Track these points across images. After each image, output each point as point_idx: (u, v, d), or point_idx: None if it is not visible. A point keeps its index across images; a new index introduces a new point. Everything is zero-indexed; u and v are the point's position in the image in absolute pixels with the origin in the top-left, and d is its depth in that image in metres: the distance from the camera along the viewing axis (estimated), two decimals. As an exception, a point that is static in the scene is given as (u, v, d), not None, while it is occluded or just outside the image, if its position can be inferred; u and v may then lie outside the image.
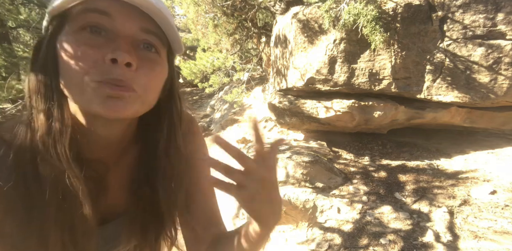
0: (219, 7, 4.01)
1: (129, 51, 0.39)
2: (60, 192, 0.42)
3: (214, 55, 4.81)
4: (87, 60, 0.38)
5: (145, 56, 0.42)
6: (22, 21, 5.23)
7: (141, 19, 0.41)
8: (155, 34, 0.43)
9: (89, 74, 0.38)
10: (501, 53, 2.22)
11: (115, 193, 0.52)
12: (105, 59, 0.38)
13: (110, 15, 0.39)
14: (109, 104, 0.39)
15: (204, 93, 7.74)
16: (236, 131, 4.58)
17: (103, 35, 0.40)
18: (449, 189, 2.30)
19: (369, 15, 2.22)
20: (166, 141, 0.51)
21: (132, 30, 0.41)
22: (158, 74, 0.45)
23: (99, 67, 0.38)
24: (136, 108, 0.42)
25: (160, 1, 0.43)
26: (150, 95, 0.44)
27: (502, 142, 2.88)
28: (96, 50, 0.39)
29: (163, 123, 0.51)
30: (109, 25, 0.40)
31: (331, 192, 2.39)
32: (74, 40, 0.39)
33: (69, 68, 0.39)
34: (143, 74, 0.42)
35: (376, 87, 2.63)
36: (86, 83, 0.38)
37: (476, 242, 1.76)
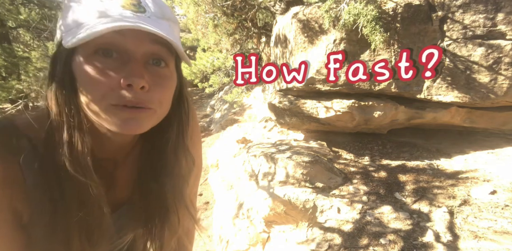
0: (219, 7, 4.01)
1: (142, 75, 0.42)
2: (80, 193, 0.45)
3: (214, 55, 4.81)
4: (103, 85, 0.41)
5: (156, 72, 0.45)
6: (22, 21, 5.23)
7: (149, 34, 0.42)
8: (163, 45, 0.44)
9: (106, 99, 0.41)
10: (501, 53, 2.22)
11: (121, 186, 0.56)
12: (121, 84, 0.41)
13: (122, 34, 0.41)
14: (127, 125, 0.43)
15: (204, 93, 7.74)
16: (236, 131, 4.58)
17: (115, 58, 0.42)
18: (449, 189, 2.30)
19: (369, 15, 2.22)
20: (176, 141, 0.55)
21: (143, 47, 0.43)
22: (169, 88, 0.48)
23: (115, 92, 0.41)
24: (152, 123, 0.47)
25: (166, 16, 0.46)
26: (164, 108, 0.48)
27: (502, 142, 2.88)
28: (111, 76, 0.41)
29: (173, 124, 0.54)
30: (121, 44, 0.41)
31: (331, 192, 2.39)
32: (89, 65, 0.41)
33: (88, 91, 0.42)
34: (157, 92, 0.44)
35: (376, 87, 2.63)
36: (104, 106, 0.41)
37: (476, 242, 1.76)
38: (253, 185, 2.65)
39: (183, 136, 0.55)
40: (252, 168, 2.79)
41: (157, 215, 0.57)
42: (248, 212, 2.56)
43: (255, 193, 2.56)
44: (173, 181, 0.56)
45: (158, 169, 0.55)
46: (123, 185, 0.57)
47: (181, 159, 0.56)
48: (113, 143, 0.52)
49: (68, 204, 0.44)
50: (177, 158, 0.55)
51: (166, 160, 0.55)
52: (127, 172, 0.57)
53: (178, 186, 0.57)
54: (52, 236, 0.45)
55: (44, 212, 0.45)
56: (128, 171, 0.57)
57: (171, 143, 0.54)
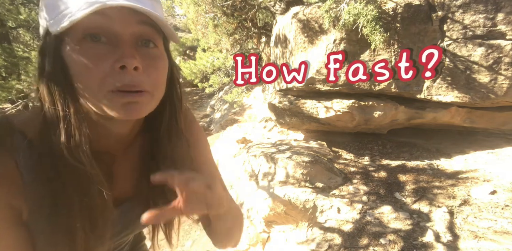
0: (219, 7, 4.01)
1: (133, 55, 0.41)
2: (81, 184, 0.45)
3: (214, 55, 4.81)
4: (97, 71, 0.40)
5: (147, 54, 0.44)
6: (22, 21, 5.23)
7: (135, 14, 0.42)
8: (149, 25, 0.44)
9: (103, 85, 0.41)
10: (501, 53, 2.22)
11: (123, 180, 0.56)
12: (114, 67, 0.40)
13: (105, 15, 0.40)
14: (127, 109, 0.42)
15: (204, 93, 7.74)
16: (236, 131, 4.58)
17: (104, 41, 0.41)
18: (449, 189, 2.30)
19: (369, 15, 2.22)
20: (168, 124, 0.54)
21: (129, 28, 0.42)
22: (162, 69, 0.47)
23: (110, 76, 0.40)
24: (152, 106, 0.46)
25: None
26: (160, 90, 0.48)
27: (502, 142, 2.88)
28: (103, 60, 0.40)
29: (165, 107, 0.54)
30: (107, 26, 0.41)
31: (331, 192, 2.39)
32: (79, 53, 0.40)
33: (82, 80, 0.41)
34: (150, 73, 0.44)
35: (376, 87, 2.63)
36: (101, 93, 0.41)
37: (476, 242, 1.76)
38: (253, 185, 2.65)
39: (176, 118, 0.55)
40: (252, 168, 2.79)
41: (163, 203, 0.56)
42: (248, 212, 2.56)
43: (255, 193, 2.56)
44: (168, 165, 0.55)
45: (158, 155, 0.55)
46: (124, 181, 0.56)
47: (175, 142, 0.55)
48: (110, 134, 0.51)
49: (69, 196, 0.44)
50: (170, 141, 0.55)
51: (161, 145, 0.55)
52: (128, 166, 0.56)
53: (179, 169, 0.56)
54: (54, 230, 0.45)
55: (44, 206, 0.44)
56: (128, 165, 0.56)
57: (164, 126, 0.54)
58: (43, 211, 0.45)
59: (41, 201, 0.44)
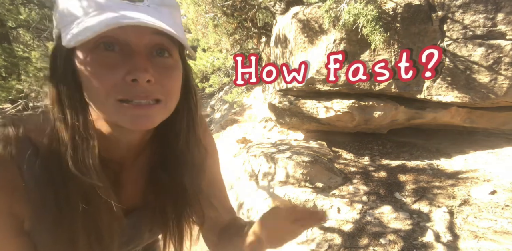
0: (219, 7, 4.01)
1: (146, 68, 0.40)
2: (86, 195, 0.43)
3: (214, 55, 4.81)
4: (107, 81, 0.39)
5: (161, 64, 0.43)
6: (22, 21, 5.23)
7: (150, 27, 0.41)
8: (164, 34, 0.43)
9: (112, 94, 0.40)
10: (501, 53, 2.22)
11: (129, 190, 0.54)
12: (126, 79, 0.39)
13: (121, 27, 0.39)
14: (138, 121, 0.41)
15: (204, 93, 7.73)
16: (236, 131, 4.58)
17: (117, 50, 0.40)
18: (449, 189, 2.30)
19: (369, 15, 2.22)
20: (187, 132, 0.53)
21: (144, 38, 0.41)
22: (176, 78, 0.46)
23: (120, 86, 0.39)
24: (163, 116, 0.45)
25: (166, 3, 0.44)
26: (173, 99, 0.46)
27: (502, 142, 2.88)
28: (114, 70, 0.39)
29: (183, 115, 0.52)
30: (122, 37, 0.40)
31: (331, 192, 2.39)
32: (91, 60, 0.39)
33: (92, 88, 0.40)
34: (164, 83, 0.43)
35: (376, 87, 2.63)
36: (110, 102, 0.40)
37: (476, 242, 1.76)
38: (253, 185, 2.65)
39: (194, 126, 0.54)
40: (252, 168, 2.79)
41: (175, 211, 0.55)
42: (248, 212, 2.56)
43: (255, 193, 2.56)
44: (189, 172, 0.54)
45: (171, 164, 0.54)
46: (132, 190, 0.55)
47: (193, 149, 0.54)
48: (119, 143, 0.49)
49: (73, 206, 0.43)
50: (189, 149, 0.54)
51: (180, 152, 0.53)
52: (137, 176, 0.55)
53: (196, 177, 0.56)
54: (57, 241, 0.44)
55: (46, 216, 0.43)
56: (137, 175, 0.55)
57: (183, 134, 0.52)
58: (46, 221, 0.43)
59: (44, 211, 0.43)
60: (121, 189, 0.52)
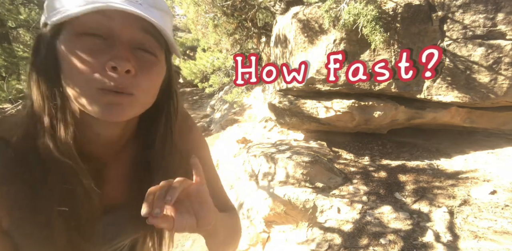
0: (219, 7, 4.01)
1: (128, 58, 0.40)
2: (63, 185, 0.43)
3: (214, 55, 4.81)
4: (87, 67, 0.39)
5: (143, 58, 0.43)
6: (22, 21, 5.24)
7: (139, 21, 0.41)
8: (152, 35, 0.43)
9: (90, 81, 0.40)
10: (501, 53, 2.22)
11: (113, 186, 0.54)
12: (106, 67, 0.39)
13: (108, 16, 0.39)
14: (109, 110, 0.41)
15: (204, 93, 7.74)
16: (236, 131, 4.58)
17: (102, 39, 0.40)
18: (449, 189, 2.30)
19: (369, 15, 2.22)
20: (163, 136, 0.54)
21: (130, 32, 0.41)
22: (155, 76, 0.46)
23: (100, 74, 0.39)
24: (135, 111, 0.45)
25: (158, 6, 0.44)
26: (148, 96, 0.46)
27: (502, 142, 2.88)
28: (96, 57, 0.39)
29: (161, 119, 0.53)
30: (108, 26, 0.40)
31: (331, 192, 2.39)
32: (74, 46, 0.39)
33: (71, 74, 0.40)
34: (142, 78, 0.43)
35: (376, 87, 2.63)
36: (87, 89, 0.40)
37: (476, 242, 1.76)
38: (253, 185, 2.65)
39: (171, 131, 0.54)
40: (252, 168, 2.79)
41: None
42: (248, 212, 2.56)
43: (255, 193, 2.56)
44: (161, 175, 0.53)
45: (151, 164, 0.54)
46: (114, 187, 0.55)
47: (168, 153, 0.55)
48: (98, 137, 0.49)
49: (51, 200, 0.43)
50: (164, 151, 0.54)
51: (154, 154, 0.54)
52: (119, 173, 0.55)
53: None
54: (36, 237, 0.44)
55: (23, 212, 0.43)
56: (119, 172, 0.55)
57: (159, 136, 0.53)
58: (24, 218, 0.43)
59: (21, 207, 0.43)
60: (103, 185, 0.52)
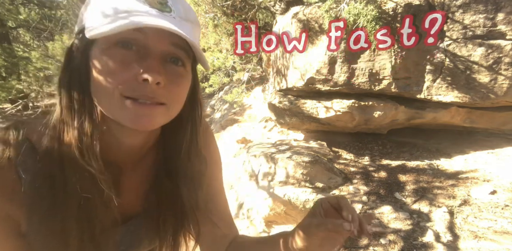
0: (219, 7, 4.01)
1: (159, 70, 0.41)
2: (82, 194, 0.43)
3: (214, 55, 4.81)
4: (118, 76, 0.40)
5: (172, 70, 0.44)
6: (22, 21, 5.24)
7: (170, 35, 0.42)
8: (182, 48, 0.44)
9: (119, 89, 0.40)
10: (501, 53, 2.22)
11: (129, 196, 0.54)
12: (137, 78, 0.40)
13: (143, 32, 0.41)
14: (139, 120, 0.42)
15: (204, 93, 7.73)
16: (236, 131, 4.58)
17: (134, 50, 0.41)
18: (449, 189, 2.30)
19: (369, 15, 2.22)
20: (189, 143, 0.54)
21: (162, 46, 0.42)
22: (184, 87, 0.47)
23: (130, 84, 0.40)
24: (164, 120, 0.46)
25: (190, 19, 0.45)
26: (177, 106, 0.47)
27: (502, 142, 2.88)
28: (128, 67, 0.40)
29: (187, 126, 0.53)
30: (141, 40, 0.41)
31: (331, 192, 2.39)
32: (107, 56, 0.40)
33: (101, 82, 0.41)
34: (171, 89, 0.44)
35: (376, 87, 2.63)
36: (116, 97, 0.41)
37: (476, 242, 1.76)
38: (253, 185, 2.65)
39: (196, 138, 0.54)
40: (252, 168, 2.79)
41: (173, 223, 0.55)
42: (248, 212, 2.56)
43: (255, 193, 2.56)
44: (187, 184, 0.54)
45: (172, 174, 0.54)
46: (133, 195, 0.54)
47: (194, 161, 0.55)
48: (121, 145, 0.50)
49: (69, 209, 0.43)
50: (190, 160, 0.54)
51: (180, 163, 0.54)
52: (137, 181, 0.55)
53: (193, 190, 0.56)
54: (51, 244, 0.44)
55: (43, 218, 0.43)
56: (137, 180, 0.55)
57: (185, 145, 0.53)
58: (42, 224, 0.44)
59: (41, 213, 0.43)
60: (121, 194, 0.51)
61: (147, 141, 0.53)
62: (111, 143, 0.48)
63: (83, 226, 0.44)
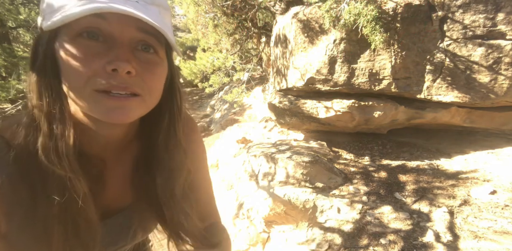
0: (219, 7, 4.01)
1: (128, 59, 0.39)
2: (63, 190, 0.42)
3: (214, 55, 4.81)
4: (87, 69, 0.38)
5: (144, 58, 0.42)
6: (22, 21, 5.24)
7: (137, 21, 0.40)
8: (151, 34, 0.42)
9: (90, 83, 0.39)
10: (501, 53, 2.22)
11: (114, 189, 0.53)
12: (106, 69, 0.38)
13: (106, 18, 0.39)
14: (113, 113, 0.40)
15: (204, 93, 7.74)
16: (236, 131, 4.58)
17: (101, 41, 0.39)
18: (449, 189, 2.30)
19: (369, 15, 2.21)
20: (166, 133, 0.52)
21: (129, 33, 0.40)
22: (159, 75, 0.45)
23: (100, 76, 0.39)
24: (141, 111, 0.44)
25: (156, 2, 0.43)
26: (153, 96, 0.45)
27: (502, 142, 2.88)
28: (95, 59, 0.39)
29: (164, 116, 0.52)
30: (106, 29, 0.39)
31: (331, 192, 2.39)
32: (72, 48, 0.39)
33: (70, 76, 0.39)
34: (145, 78, 0.42)
35: (376, 87, 2.63)
36: (88, 92, 0.39)
37: (476, 242, 1.76)
38: (253, 185, 2.65)
39: (174, 128, 0.53)
40: (252, 168, 2.79)
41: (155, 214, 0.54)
42: (248, 212, 2.56)
43: (255, 193, 2.56)
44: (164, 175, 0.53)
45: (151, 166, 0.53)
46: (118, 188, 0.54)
47: (172, 151, 0.53)
48: (98, 137, 0.48)
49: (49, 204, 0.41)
50: (167, 150, 0.53)
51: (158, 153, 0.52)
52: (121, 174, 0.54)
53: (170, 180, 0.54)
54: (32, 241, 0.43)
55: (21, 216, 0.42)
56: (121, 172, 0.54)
57: (162, 135, 0.52)
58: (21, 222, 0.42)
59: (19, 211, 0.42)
60: (105, 187, 0.51)
61: (127, 133, 0.52)
62: (90, 136, 0.47)
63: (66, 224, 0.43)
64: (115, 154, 0.53)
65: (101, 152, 0.51)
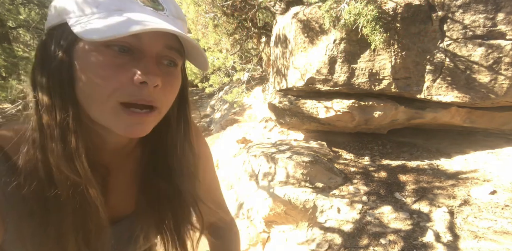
0: (219, 7, 4.02)
1: (158, 73, 0.40)
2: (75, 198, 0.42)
3: (214, 55, 4.81)
4: (114, 81, 0.38)
5: (167, 72, 0.43)
6: (22, 21, 5.24)
7: (165, 37, 0.41)
8: (177, 50, 0.43)
9: (116, 95, 0.38)
10: (501, 53, 2.22)
11: (117, 196, 0.53)
12: (135, 81, 0.38)
13: (140, 38, 0.39)
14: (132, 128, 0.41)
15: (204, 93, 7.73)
16: (236, 131, 4.58)
17: (129, 54, 0.39)
18: (449, 189, 2.30)
19: (369, 15, 2.21)
20: (183, 140, 0.53)
21: (157, 48, 0.41)
22: (176, 87, 0.46)
23: (126, 88, 0.38)
24: (154, 124, 0.45)
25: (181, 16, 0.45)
26: (167, 107, 0.46)
27: (502, 142, 2.88)
28: (123, 71, 0.38)
29: (180, 123, 0.53)
30: (136, 44, 0.39)
31: (331, 192, 2.39)
32: (99, 58, 0.37)
33: (93, 86, 0.38)
34: (166, 91, 0.43)
35: (376, 87, 2.63)
36: (112, 104, 0.39)
37: (476, 242, 1.76)
38: (253, 185, 2.65)
39: (189, 135, 0.54)
40: (252, 168, 2.79)
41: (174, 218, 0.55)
42: (248, 212, 2.56)
43: (255, 193, 2.56)
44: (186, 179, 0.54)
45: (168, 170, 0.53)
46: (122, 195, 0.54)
47: (188, 156, 0.54)
48: (106, 145, 0.48)
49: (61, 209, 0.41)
50: (185, 156, 0.54)
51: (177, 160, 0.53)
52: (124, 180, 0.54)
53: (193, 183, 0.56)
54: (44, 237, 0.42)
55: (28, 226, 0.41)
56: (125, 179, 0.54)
57: (180, 143, 0.52)
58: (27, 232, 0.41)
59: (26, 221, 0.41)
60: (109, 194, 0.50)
61: (132, 139, 0.52)
62: (96, 143, 0.46)
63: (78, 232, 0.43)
64: (118, 161, 0.53)
65: (106, 159, 0.50)
